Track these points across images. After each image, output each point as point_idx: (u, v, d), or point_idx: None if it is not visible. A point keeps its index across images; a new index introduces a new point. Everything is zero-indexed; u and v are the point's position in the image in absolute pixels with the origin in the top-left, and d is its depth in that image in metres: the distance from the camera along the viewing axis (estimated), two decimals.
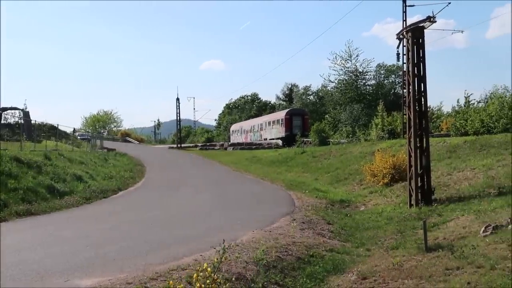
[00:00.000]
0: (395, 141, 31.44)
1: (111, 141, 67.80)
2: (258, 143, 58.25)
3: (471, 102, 35.77)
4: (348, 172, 26.94)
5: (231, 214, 16.02)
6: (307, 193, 21.45)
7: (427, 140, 17.18)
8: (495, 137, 23.09)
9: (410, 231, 13.16)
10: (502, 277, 7.54)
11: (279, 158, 38.72)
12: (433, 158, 21.31)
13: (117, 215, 16.84)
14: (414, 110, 17.01)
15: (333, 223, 15.46)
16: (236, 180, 28.55)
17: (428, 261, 9.23)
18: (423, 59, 17.13)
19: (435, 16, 16.91)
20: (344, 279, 9.16)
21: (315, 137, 44.71)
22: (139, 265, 9.15)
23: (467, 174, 18.86)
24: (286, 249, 10.97)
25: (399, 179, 20.82)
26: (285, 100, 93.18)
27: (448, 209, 14.92)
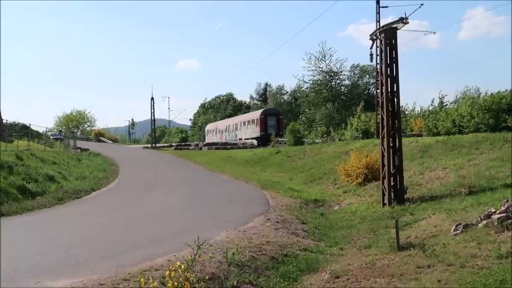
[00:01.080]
0: (369, 141, 31.71)
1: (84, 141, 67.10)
2: (233, 143, 58.23)
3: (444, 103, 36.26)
4: (323, 171, 27.08)
5: (205, 214, 15.99)
6: (281, 193, 21.51)
7: (399, 140, 17.37)
8: (466, 137, 23.46)
9: (383, 230, 13.30)
10: (471, 274, 7.67)
11: (254, 158, 38.75)
12: (406, 157, 21.56)
13: (90, 215, 16.67)
14: (387, 110, 17.19)
15: (307, 223, 15.54)
16: (210, 180, 28.49)
17: (400, 260, 9.34)
18: (395, 60, 17.31)
19: (407, 17, 17.13)
20: (317, 278, 9.21)
21: (289, 137, 44.86)
22: (112, 266, 9.07)
23: (439, 173, 19.13)
24: (260, 248, 10.99)
25: (373, 178, 21.01)
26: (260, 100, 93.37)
27: (420, 208, 15.12)
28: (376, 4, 35.36)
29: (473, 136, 23.24)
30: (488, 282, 7.18)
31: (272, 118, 56.33)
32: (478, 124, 25.43)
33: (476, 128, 25.40)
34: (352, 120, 39.76)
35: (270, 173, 31.09)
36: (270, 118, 56.14)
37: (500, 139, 21.15)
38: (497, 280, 7.19)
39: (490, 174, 16.92)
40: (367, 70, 71.61)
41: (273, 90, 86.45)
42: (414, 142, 26.01)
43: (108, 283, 8.01)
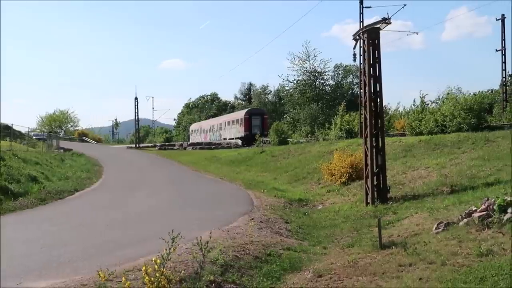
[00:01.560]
0: (352, 140, 31.88)
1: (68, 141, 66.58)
2: (217, 142, 58.18)
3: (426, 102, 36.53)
4: (307, 171, 27.17)
5: (189, 214, 15.96)
6: (266, 193, 21.54)
7: (382, 140, 17.50)
8: (449, 137, 23.71)
9: (366, 229, 13.39)
10: (452, 272, 7.75)
11: (239, 157, 38.76)
12: (389, 157, 21.74)
13: (73, 216, 16.57)
14: (370, 110, 17.30)
15: (291, 222, 15.58)
16: (195, 180, 28.44)
17: (382, 258, 9.41)
18: (378, 60, 17.44)
19: (390, 18, 17.25)
20: (300, 277, 9.25)
21: (274, 136, 44.93)
22: (95, 267, 9.00)
23: (422, 172, 19.31)
24: (243, 248, 11.00)
25: (356, 178, 21.13)
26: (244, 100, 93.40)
27: (402, 207, 15.26)
28: (360, 5, 35.54)
29: (455, 136, 23.50)
30: (468, 280, 7.26)
31: (256, 117, 56.37)
32: (460, 123, 25.71)
33: (458, 127, 25.69)
34: (336, 120, 39.90)
35: (254, 172, 31.12)
36: (254, 117, 56.17)
37: (482, 138, 21.41)
38: (477, 277, 7.28)
39: (471, 173, 17.12)
40: (351, 70, 72.00)
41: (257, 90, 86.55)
42: (397, 142, 26.22)
43: (90, 284, 7.99)
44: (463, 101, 26.84)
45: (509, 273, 7.16)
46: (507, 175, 15.52)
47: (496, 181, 15.30)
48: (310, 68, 69.37)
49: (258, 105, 76.01)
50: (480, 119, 26.03)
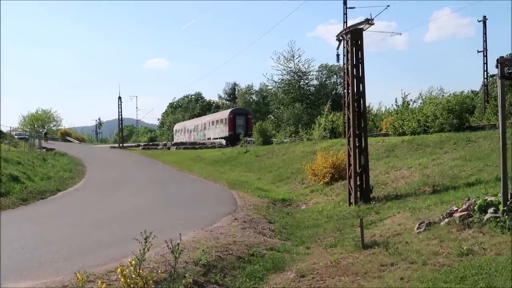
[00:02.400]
0: (336, 140, 31.99)
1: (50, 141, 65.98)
2: (201, 142, 58.06)
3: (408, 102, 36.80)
4: (291, 171, 27.23)
5: (173, 214, 15.91)
6: (249, 193, 21.56)
7: (365, 140, 17.60)
8: (431, 137, 23.91)
9: (349, 229, 13.45)
10: (433, 272, 7.83)
11: (223, 157, 38.73)
12: (372, 157, 21.86)
13: (55, 216, 16.44)
14: (353, 110, 17.40)
15: (275, 222, 15.61)
16: (178, 179, 28.37)
17: (364, 258, 9.48)
18: (362, 60, 17.53)
19: (373, 19, 17.35)
20: (283, 277, 9.28)
21: (258, 136, 44.93)
22: (76, 267, 8.96)
23: (404, 172, 19.45)
24: (226, 248, 11.01)
25: (339, 178, 21.19)
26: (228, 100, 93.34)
27: (385, 207, 15.36)
28: (343, 5, 35.71)
29: (437, 136, 23.71)
30: (448, 279, 7.34)
31: (240, 117, 56.36)
32: (442, 124, 25.92)
33: (440, 128, 25.89)
34: (320, 120, 40.01)
35: (238, 172, 31.11)
36: (238, 117, 56.15)
37: (464, 138, 21.62)
38: (457, 277, 7.36)
39: (453, 173, 17.29)
40: (335, 70, 72.27)
41: (242, 89, 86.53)
42: (380, 142, 26.38)
43: (71, 285, 7.94)
44: (445, 102, 27.08)
45: (488, 273, 7.25)
46: (488, 175, 15.70)
47: (477, 181, 15.47)
48: (294, 68, 69.50)
49: (243, 105, 76.00)
50: (462, 120, 26.27)
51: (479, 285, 6.90)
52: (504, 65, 10.43)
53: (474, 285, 6.92)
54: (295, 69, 69.50)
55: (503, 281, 6.85)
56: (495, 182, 13.93)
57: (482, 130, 24.48)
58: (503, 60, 10.53)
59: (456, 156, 19.36)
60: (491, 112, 31.96)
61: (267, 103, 76.26)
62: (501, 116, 10.55)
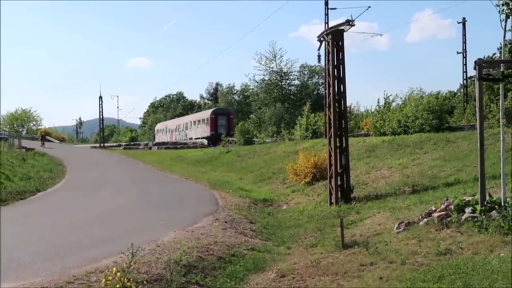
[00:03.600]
0: (317, 140, 32.12)
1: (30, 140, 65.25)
2: (183, 142, 57.90)
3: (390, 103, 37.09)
4: (272, 171, 27.28)
5: (154, 215, 15.85)
6: (231, 193, 21.55)
7: (346, 140, 17.71)
8: (411, 137, 24.15)
9: (330, 229, 13.51)
10: (411, 271, 7.92)
11: (204, 157, 38.67)
12: (353, 157, 22.01)
13: (35, 217, 16.26)
14: (334, 110, 17.49)
15: (256, 222, 15.64)
16: (160, 180, 28.24)
17: (344, 258, 9.55)
18: (342, 61, 17.63)
19: (354, 20, 17.46)
20: (263, 277, 9.32)
21: (240, 136, 44.96)
22: (56, 269, 8.91)
23: (385, 172, 19.62)
24: (207, 249, 11.01)
25: (321, 178, 21.27)
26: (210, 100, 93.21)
27: (365, 207, 15.47)
28: (325, 6, 35.88)
29: (417, 136, 23.94)
30: (426, 278, 7.43)
31: (222, 117, 56.35)
32: (422, 124, 26.18)
33: (420, 128, 26.15)
34: (301, 120, 40.16)
35: (220, 172, 31.08)
36: (220, 117, 56.14)
37: (443, 139, 21.87)
38: (435, 276, 7.45)
39: (432, 173, 17.49)
40: (317, 70, 72.52)
41: (224, 89, 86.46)
42: (361, 142, 26.55)
43: (51, 286, 7.88)
44: (425, 102, 27.36)
45: (465, 272, 7.36)
46: (467, 176, 15.91)
47: (456, 181, 15.67)
48: (276, 68, 69.65)
49: (225, 105, 75.97)
50: (441, 120, 26.58)
51: (456, 284, 6.99)
52: (482, 67, 10.57)
53: (451, 284, 7.01)
54: (277, 69, 69.68)
55: (480, 280, 6.95)
56: (473, 182, 14.12)
57: (462, 130, 24.79)
58: (480, 62, 10.67)
59: (436, 157, 19.58)
60: (470, 112, 32.39)
61: (249, 103, 76.35)
62: (478, 117, 10.70)
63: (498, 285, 6.68)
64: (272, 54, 68.72)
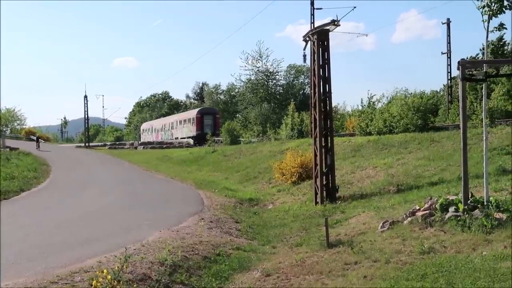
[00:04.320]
0: (303, 140, 32.19)
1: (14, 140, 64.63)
2: (169, 142, 57.75)
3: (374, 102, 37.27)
4: (258, 171, 27.29)
5: (139, 214, 15.80)
6: (216, 192, 21.53)
7: (331, 140, 17.78)
8: (396, 137, 24.30)
9: (315, 228, 13.57)
10: (395, 270, 7.98)
11: (190, 157, 38.58)
12: (339, 157, 22.10)
13: (18, 216, 16.14)
14: (320, 110, 17.55)
15: (241, 222, 15.65)
16: (145, 179, 28.14)
17: (329, 257, 9.59)
18: (328, 61, 17.70)
19: (339, 20, 17.53)
20: (248, 276, 9.33)
21: (226, 136, 44.92)
22: (40, 269, 8.85)
23: (370, 172, 19.72)
24: (192, 248, 11.00)
25: (307, 177, 21.31)
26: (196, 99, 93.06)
27: (351, 206, 15.56)
28: (311, 6, 35.93)
29: (402, 136, 24.10)
30: (410, 277, 7.49)
31: (208, 117, 56.27)
32: (407, 124, 26.35)
33: (405, 128, 26.32)
34: (287, 120, 40.23)
35: (206, 172, 31.03)
36: (206, 117, 56.05)
37: (427, 139, 22.04)
38: (418, 274, 7.52)
39: (417, 172, 17.61)
40: (302, 70, 72.67)
41: (210, 89, 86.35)
42: (346, 142, 26.67)
43: (35, 286, 7.83)
44: (410, 102, 27.54)
45: (448, 270, 7.43)
46: (451, 175, 16.05)
47: (440, 180, 15.80)
48: (262, 68, 69.67)
49: (211, 104, 75.89)
50: (426, 120, 26.77)
51: (439, 282, 7.06)
52: (465, 67, 10.68)
53: (434, 283, 7.08)
54: (263, 69, 69.70)
55: (462, 278, 7.02)
56: (457, 182, 14.24)
57: (446, 130, 25.01)
58: (464, 62, 10.77)
59: (420, 156, 19.72)
60: (454, 112, 32.64)
61: (235, 102, 76.32)
62: (462, 117, 10.80)
63: (481, 283, 6.75)
64: (258, 53, 68.78)
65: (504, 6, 10.66)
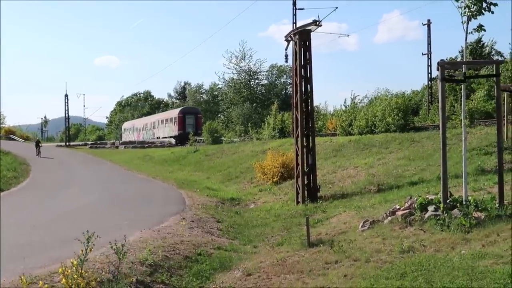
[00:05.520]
0: (285, 140, 32.27)
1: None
2: (150, 141, 57.51)
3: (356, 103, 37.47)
4: (240, 170, 27.30)
5: (120, 214, 15.71)
6: (198, 192, 21.48)
7: (313, 140, 17.84)
8: (377, 137, 24.47)
9: (296, 228, 13.61)
10: (375, 269, 8.02)
11: (172, 156, 38.46)
12: (320, 156, 22.19)
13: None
14: (301, 110, 17.59)
15: (223, 221, 15.63)
16: (126, 179, 27.98)
17: (309, 256, 9.62)
18: (309, 61, 17.75)
19: (320, 20, 17.61)
20: (229, 276, 9.33)
21: (208, 135, 44.86)
22: (18, 270, 8.74)
23: (351, 172, 19.83)
24: (173, 248, 10.96)
25: (288, 177, 21.37)
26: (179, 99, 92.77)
27: (332, 205, 15.63)
28: (293, 6, 36.04)
29: (383, 136, 24.27)
30: (390, 276, 7.54)
31: (190, 116, 56.11)
32: (389, 124, 26.54)
33: (386, 128, 26.50)
34: (269, 119, 40.29)
35: (187, 172, 30.97)
36: (188, 116, 55.88)
37: (408, 139, 22.23)
38: (398, 273, 7.57)
39: (397, 172, 17.75)
40: (285, 70, 72.85)
41: (192, 88, 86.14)
42: (328, 142, 26.78)
43: (13, 287, 7.74)
44: (393, 103, 27.74)
45: (427, 269, 7.49)
46: (430, 175, 16.20)
47: (420, 180, 15.94)
48: (245, 68, 69.69)
49: (193, 104, 75.72)
50: (407, 120, 26.99)
51: (418, 281, 7.11)
52: (444, 68, 10.78)
53: (414, 281, 7.13)
54: (246, 68, 69.73)
55: (441, 277, 7.08)
56: (436, 181, 14.38)
57: (426, 130, 25.23)
58: (443, 63, 10.88)
59: (401, 156, 19.88)
60: (434, 113, 32.94)
61: (218, 102, 76.26)
62: (441, 118, 10.90)
63: (459, 282, 6.81)
64: (241, 53, 68.78)
65: (483, 8, 10.79)
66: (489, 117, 26.35)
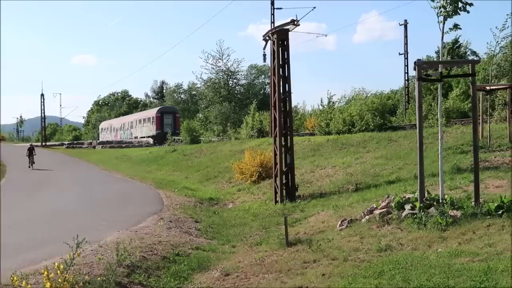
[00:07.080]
0: (264, 139, 32.31)
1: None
2: (128, 141, 57.18)
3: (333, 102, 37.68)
4: (218, 170, 27.24)
5: (97, 215, 15.56)
6: (176, 192, 21.38)
7: (291, 139, 17.86)
8: (355, 136, 24.60)
9: (274, 227, 13.61)
10: (353, 267, 8.05)
11: (150, 156, 38.26)
12: (298, 156, 22.24)
13: None
14: (280, 110, 17.60)
15: (201, 221, 15.57)
16: (104, 179, 27.77)
17: (288, 255, 9.63)
18: (288, 60, 17.77)
19: (298, 20, 17.63)
20: (208, 276, 9.29)
21: (186, 135, 44.74)
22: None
23: (329, 171, 19.90)
24: (151, 248, 10.88)
25: (267, 176, 21.36)
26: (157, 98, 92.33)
27: (310, 205, 15.65)
28: (271, 6, 36.11)
29: (361, 135, 24.42)
30: (367, 274, 7.57)
31: (168, 116, 55.90)
32: (368, 123, 26.73)
33: (364, 127, 26.68)
34: (247, 119, 40.30)
35: (166, 172, 30.83)
36: (166, 116, 55.68)
37: (385, 138, 22.38)
38: (375, 272, 7.60)
39: (375, 171, 17.86)
40: (264, 70, 72.86)
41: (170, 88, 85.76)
42: (306, 141, 26.85)
43: None
44: (370, 103, 27.93)
45: (405, 267, 7.54)
46: (407, 173, 16.32)
47: (397, 179, 16.06)
48: (223, 67, 69.50)
49: (171, 103, 75.43)
50: (384, 120, 27.20)
51: (396, 279, 7.15)
52: (421, 67, 10.87)
53: (391, 280, 7.17)
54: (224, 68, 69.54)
55: (418, 275, 7.13)
56: (413, 180, 14.47)
57: (403, 129, 25.47)
58: (420, 63, 10.97)
59: (378, 155, 20.01)
60: (411, 112, 33.25)
61: (196, 101, 76.03)
62: (418, 117, 10.99)
63: (436, 279, 6.87)
64: (219, 53, 68.55)
65: (459, 7, 10.90)
66: (465, 116, 26.69)
